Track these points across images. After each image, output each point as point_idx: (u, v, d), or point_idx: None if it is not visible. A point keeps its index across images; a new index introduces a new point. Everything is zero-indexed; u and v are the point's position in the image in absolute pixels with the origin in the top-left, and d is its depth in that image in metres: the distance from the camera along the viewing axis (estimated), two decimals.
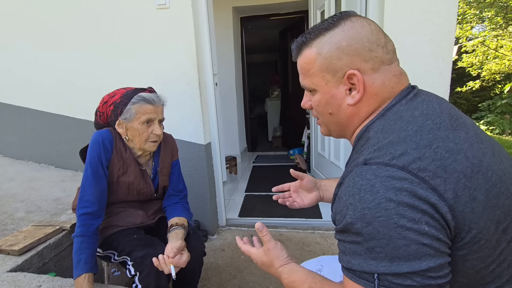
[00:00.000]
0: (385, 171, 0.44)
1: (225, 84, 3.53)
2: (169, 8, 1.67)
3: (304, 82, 0.60)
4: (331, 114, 0.59)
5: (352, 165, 0.52)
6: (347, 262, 0.47)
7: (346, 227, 0.46)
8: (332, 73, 0.54)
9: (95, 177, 1.02)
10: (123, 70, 1.79)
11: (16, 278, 1.00)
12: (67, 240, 1.30)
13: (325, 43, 0.54)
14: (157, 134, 1.06)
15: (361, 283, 0.44)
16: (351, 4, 1.81)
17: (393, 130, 0.49)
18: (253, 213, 2.24)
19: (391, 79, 0.53)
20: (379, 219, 0.41)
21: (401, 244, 0.40)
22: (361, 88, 0.53)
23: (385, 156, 0.46)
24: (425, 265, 0.40)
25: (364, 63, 0.52)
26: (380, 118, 0.53)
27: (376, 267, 0.42)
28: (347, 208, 0.46)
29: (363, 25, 0.54)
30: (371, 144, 0.50)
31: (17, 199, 1.69)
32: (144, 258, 0.96)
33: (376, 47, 0.53)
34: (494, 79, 8.76)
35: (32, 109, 2.11)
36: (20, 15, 1.95)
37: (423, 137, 0.46)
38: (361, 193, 0.44)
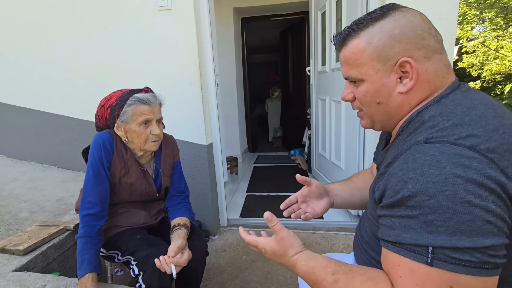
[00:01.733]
0: (452, 149, 0.43)
1: (226, 85, 3.54)
2: (171, 9, 1.68)
3: (350, 73, 0.59)
4: (379, 104, 0.58)
5: (407, 144, 0.50)
6: (396, 236, 0.45)
7: (401, 201, 0.45)
8: (383, 61, 0.54)
9: (97, 179, 1.03)
10: (125, 71, 1.81)
11: (22, 277, 1.01)
12: (70, 240, 1.31)
13: (375, 32, 0.54)
14: (156, 134, 1.06)
15: (411, 257, 0.43)
16: (352, 5, 1.82)
17: (455, 114, 0.48)
18: (254, 213, 2.25)
19: (442, 68, 0.54)
20: (445, 193, 0.41)
21: (466, 219, 0.40)
22: (414, 76, 0.53)
23: (450, 136, 0.45)
24: (488, 242, 0.40)
25: (417, 51, 0.52)
26: (435, 104, 0.52)
27: (434, 240, 0.41)
28: (404, 182, 0.45)
29: (415, 15, 0.54)
30: (430, 126, 0.49)
31: (20, 199, 1.70)
32: (148, 258, 0.97)
33: (429, 36, 0.53)
34: (495, 79, 8.75)
35: (35, 110, 2.12)
36: (22, 16, 1.96)
37: (489, 122, 0.46)
38: (424, 168, 0.43)
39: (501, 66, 8.14)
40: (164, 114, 1.25)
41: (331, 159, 2.38)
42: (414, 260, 0.43)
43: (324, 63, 2.42)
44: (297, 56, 4.00)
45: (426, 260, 0.42)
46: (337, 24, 2.12)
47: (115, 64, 1.83)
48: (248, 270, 1.60)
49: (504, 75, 8.49)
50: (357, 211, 2.03)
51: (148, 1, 1.68)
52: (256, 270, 1.59)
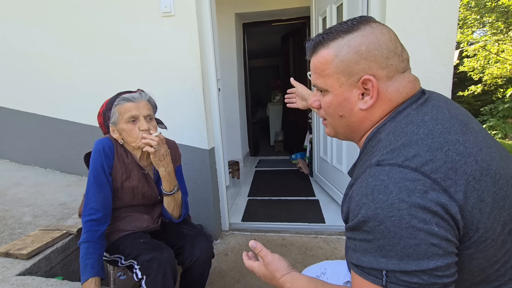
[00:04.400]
0: (398, 173, 0.45)
1: (228, 89, 3.56)
2: (174, 15, 1.70)
3: (317, 82, 0.60)
4: (342, 117, 0.59)
5: (365, 166, 0.52)
6: (357, 259, 0.48)
7: (358, 225, 0.47)
8: (348, 76, 0.55)
9: (98, 185, 1.05)
10: (129, 76, 1.83)
11: (25, 281, 1.02)
12: (73, 244, 1.31)
13: (344, 45, 0.54)
14: (144, 129, 1.04)
15: (369, 279, 0.46)
16: (353, 11, 1.84)
17: (405, 133, 0.50)
18: (256, 217, 2.25)
19: (405, 85, 0.55)
20: (392, 218, 0.43)
21: (411, 243, 0.42)
22: (374, 94, 0.54)
23: (398, 157, 0.47)
24: (432, 264, 0.42)
25: (380, 70, 0.53)
26: (391, 120, 0.54)
27: (386, 264, 0.44)
28: (359, 207, 0.47)
29: (383, 32, 0.54)
30: (383, 146, 0.51)
31: (24, 203, 1.71)
32: (151, 261, 0.97)
33: (393, 56, 0.54)
34: (496, 83, 8.76)
35: (38, 115, 2.14)
36: (26, 24, 2.00)
37: (434, 140, 0.47)
38: (375, 193, 0.45)
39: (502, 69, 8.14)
40: (167, 119, 1.27)
41: (333, 163, 2.39)
42: (372, 283, 0.46)
43: None
44: (298, 60, 4.03)
45: (382, 283, 0.44)
46: None
47: (118, 69, 1.85)
48: (250, 274, 1.59)
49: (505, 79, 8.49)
50: None
51: (152, 7, 1.71)
52: None
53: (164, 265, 0.98)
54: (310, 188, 2.84)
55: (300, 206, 2.40)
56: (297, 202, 2.51)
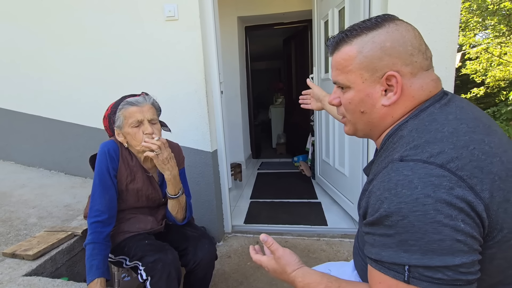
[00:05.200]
0: (423, 168, 0.45)
1: (230, 92, 3.58)
2: (178, 20, 1.73)
3: (338, 78, 0.60)
4: (363, 113, 0.59)
5: (386, 161, 0.52)
6: (376, 254, 0.48)
7: (379, 219, 0.47)
8: (371, 72, 0.55)
9: (104, 187, 1.06)
10: (133, 79, 1.85)
11: (32, 282, 1.03)
12: (78, 245, 1.33)
13: (368, 42, 0.55)
14: (148, 133, 1.05)
15: (390, 274, 0.45)
16: (354, 15, 1.86)
17: (428, 130, 0.50)
18: (259, 219, 2.26)
19: (429, 83, 0.55)
20: (416, 213, 0.42)
21: (435, 238, 0.42)
22: (398, 90, 0.54)
23: (423, 153, 0.47)
24: (458, 260, 0.41)
25: (404, 67, 0.53)
26: (414, 118, 0.54)
27: (408, 259, 0.43)
28: (381, 202, 0.46)
29: (408, 29, 0.55)
30: (406, 142, 0.51)
31: (29, 205, 1.73)
32: (156, 263, 0.99)
33: (418, 53, 0.54)
34: (499, 85, 8.72)
35: (43, 117, 2.17)
36: (32, 26, 2.03)
37: (460, 139, 0.47)
38: (398, 188, 0.45)
39: (505, 72, 8.12)
40: (170, 121, 1.28)
41: (335, 165, 2.39)
42: (393, 278, 0.45)
43: (327, 71, 2.45)
44: (300, 63, 4.05)
45: (403, 278, 0.44)
46: None
47: (122, 72, 1.87)
48: (253, 276, 1.60)
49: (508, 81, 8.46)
50: None
51: (156, 12, 1.74)
52: (261, 277, 1.59)
53: (168, 266, 0.99)
54: (312, 190, 2.84)
55: (303, 209, 2.41)
56: (299, 204, 2.51)
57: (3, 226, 1.48)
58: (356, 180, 2.01)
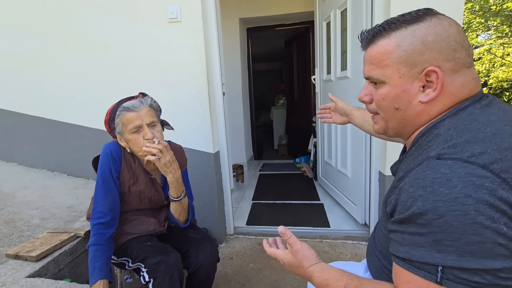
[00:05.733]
0: (464, 168, 0.42)
1: (232, 93, 3.59)
2: (180, 21, 1.73)
3: (373, 73, 0.57)
4: (398, 110, 0.56)
5: (420, 159, 0.49)
6: (406, 252, 0.46)
7: (411, 217, 0.45)
8: (410, 67, 0.52)
9: (106, 189, 1.06)
10: (135, 81, 1.85)
11: (35, 283, 1.03)
12: (81, 247, 1.33)
13: (408, 35, 0.52)
14: (148, 138, 1.03)
15: (420, 274, 0.44)
16: (357, 16, 1.85)
17: (469, 130, 0.47)
18: (261, 221, 2.25)
19: (470, 81, 0.52)
20: (455, 212, 0.40)
21: (475, 240, 0.39)
22: (439, 87, 0.51)
23: (463, 153, 0.44)
24: (498, 264, 0.39)
25: (446, 62, 0.51)
26: (452, 116, 0.51)
27: (442, 259, 0.41)
28: (414, 199, 0.44)
29: (451, 24, 0.52)
30: (443, 141, 0.49)
31: (32, 206, 1.74)
32: (158, 265, 0.98)
33: (461, 49, 0.51)
34: (502, 86, 8.69)
35: (46, 119, 2.18)
36: (35, 27, 2.04)
37: (504, 140, 0.45)
38: (435, 186, 0.43)
39: (508, 73, 8.09)
40: (173, 123, 1.28)
41: (337, 167, 2.38)
42: (423, 278, 0.43)
43: (329, 72, 2.45)
44: (301, 64, 4.05)
45: (436, 279, 0.42)
46: (342, 33, 2.16)
47: (124, 74, 1.88)
48: (255, 278, 1.59)
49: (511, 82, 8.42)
50: (364, 219, 2.02)
51: (158, 14, 1.74)
52: (263, 279, 1.58)
53: (171, 268, 0.99)
54: (315, 192, 2.83)
55: (305, 210, 2.40)
56: (301, 206, 2.51)
57: (7, 227, 1.49)
58: (359, 182, 2.00)
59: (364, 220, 2.03)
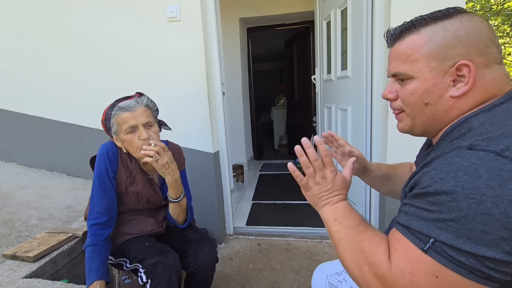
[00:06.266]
0: (495, 161, 0.42)
1: (232, 93, 3.58)
2: (180, 21, 1.73)
3: (400, 69, 0.57)
4: (427, 105, 0.55)
5: (450, 147, 0.49)
6: (407, 220, 0.47)
7: (424, 194, 0.45)
8: (441, 61, 0.52)
9: (103, 189, 1.05)
10: (134, 81, 1.85)
11: (32, 284, 1.02)
12: (79, 247, 1.32)
13: (439, 30, 0.52)
14: (143, 139, 1.02)
15: (411, 240, 0.45)
16: (357, 15, 1.84)
17: (506, 124, 0.47)
18: (261, 221, 2.24)
19: (501, 77, 0.52)
20: (470, 200, 0.40)
21: (479, 228, 0.40)
22: (471, 81, 0.51)
23: (497, 146, 0.43)
24: (490, 253, 0.40)
25: (478, 57, 0.51)
26: (486, 112, 0.50)
27: (438, 234, 0.43)
28: (434, 181, 0.45)
29: (483, 21, 0.53)
30: (477, 134, 0.48)
31: (30, 206, 1.73)
32: (156, 265, 0.97)
33: (492, 44, 0.52)
34: None
35: (45, 119, 2.17)
36: (34, 27, 2.04)
37: None
38: (459, 173, 0.42)
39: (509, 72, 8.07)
40: (172, 123, 1.27)
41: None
42: (412, 243, 0.45)
43: (329, 72, 2.44)
44: (302, 64, 4.04)
45: (423, 247, 0.44)
46: (342, 33, 2.15)
47: (124, 74, 1.87)
48: (255, 279, 1.58)
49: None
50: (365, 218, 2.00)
51: (158, 13, 1.74)
52: (262, 279, 1.57)
53: (169, 269, 0.98)
54: None
55: (305, 210, 2.39)
56: (301, 206, 2.49)
57: (5, 228, 1.48)
58: (359, 181, 1.98)
59: None
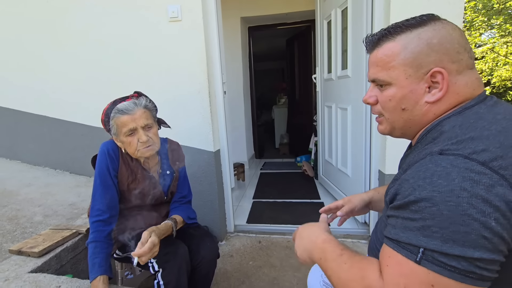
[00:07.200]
0: (464, 163, 0.44)
1: (233, 92, 3.60)
2: (181, 20, 1.74)
3: (379, 75, 0.59)
4: (404, 110, 0.58)
5: (423, 153, 0.51)
6: (395, 234, 0.48)
7: (407, 204, 0.47)
8: (416, 68, 0.55)
9: (104, 187, 1.07)
10: (136, 79, 1.87)
11: (37, 278, 1.05)
12: (83, 243, 1.35)
13: (413, 38, 0.55)
14: (143, 141, 1.03)
15: (402, 253, 0.46)
16: (357, 15, 1.86)
17: (474, 127, 0.49)
18: (261, 219, 2.26)
19: (473, 81, 0.55)
20: (448, 203, 0.42)
21: (461, 230, 0.41)
22: (444, 87, 0.53)
23: (465, 149, 0.46)
24: (478, 254, 0.41)
25: (450, 64, 0.53)
26: (457, 115, 0.53)
27: (426, 243, 0.44)
28: (413, 189, 0.47)
29: (454, 28, 0.55)
30: (448, 137, 0.50)
31: (35, 203, 1.76)
32: (168, 255, 1.01)
33: (464, 51, 0.54)
34: (505, 85, 8.64)
35: (49, 117, 2.20)
36: (37, 25, 2.06)
37: (508, 138, 0.46)
38: (434, 178, 0.45)
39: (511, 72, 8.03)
40: (173, 121, 1.29)
41: (338, 165, 2.39)
42: (404, 257, 0.46)
43: (330, 71, 2.45)
44: (303, 63, 4.05)
45: (415, 259, 0.45)
46: (343, 32, 2.16)
47: (126, 72, 1.89)
48: (255, 276, 1.61)
49: None
50: (364, 218, 2.02)
51: (159, 13, 1.75)
52: (262, 276, 1.60)
53: (180, 259, 1.01)
54: (315, 190, 2.84)
55: (305, 209, 2.41)
56: (302, 204, 2.51)
57: (10, 224, 1.51)
58: (359, 181, 2.01)
59: (364, 219, 2.03)
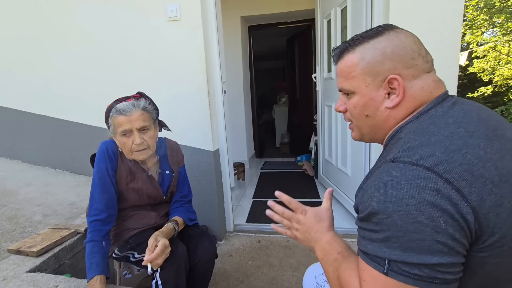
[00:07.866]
0: (411, 170, 0.47)
1: (234, 91, 3.59)
2: (180, 20, 1.74)
3: (343, 85, 0.63)
4: (367, 117, 0.62)
5: (381, 162, 0.55)
6: (364, 246, 0.51)
7: (368, 216, 0.49)
8: (374, 76, 0.58)
9: (102, 186, 1.07)
10: (136, 79, 1.87)
11: (35, 278, 1.06)
12: (81, 242, 1.35)
13: (369, 49, 0.58)
14: (136, 144, 1.03)
15: (372, 265, 0.49)
16: (357, 13, 1.85)
17: (425, 133, 0.51)
18: (261, 219, 2.26)
19: (430, 84, 0.57)
20: (399, 213, 0.44)
21: (415, 237, 0.43)
22: (401, 92, 0.56)
23: (413, 156, 0.48)
24: (435, 260, 0.43)
25: (405, 70, 0.56)
26: (414, 120, 0.56)
27: (389, 254, 0.46)
28: (371, 200, 0.49)
29: (407, 36, 0.58)
30: (401, 144, 0.53)
31: (34, 203, 1.76)
32: None
33: (418, 56, 0.57)
34: (507, 84, 8.59)
35: (49, 117, 2.20)
36: (37, 25, 2.06)
37: (453, 143, 0.48)
38: (386, 188, 0.47)
39: None
40: (172, 121, 1.29)
41: (338, 165, 2.38)
42: (374, 268, 0.48)
43: (330, 70, 2.44)
44: (303, 62, 4.04)
45: (383, 270, 0.47)
46: (342, 31, 2.15)
47: (126, 72, 1.89)
48: (254, 275, 1.60)
49: None
50: None
51: (158, 12, 1.75)
52: (261, 276, 1.60)
53: (178, 258, 1.01)
54: (315, 190, 2.84)
55: None
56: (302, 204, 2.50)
57: (10, 223, 1.52)
58: (359, 180, 2.00)
59: None
